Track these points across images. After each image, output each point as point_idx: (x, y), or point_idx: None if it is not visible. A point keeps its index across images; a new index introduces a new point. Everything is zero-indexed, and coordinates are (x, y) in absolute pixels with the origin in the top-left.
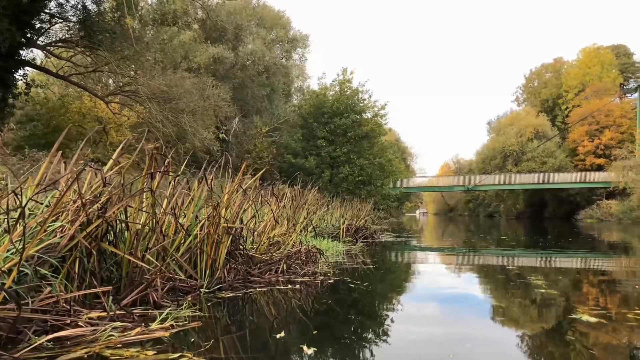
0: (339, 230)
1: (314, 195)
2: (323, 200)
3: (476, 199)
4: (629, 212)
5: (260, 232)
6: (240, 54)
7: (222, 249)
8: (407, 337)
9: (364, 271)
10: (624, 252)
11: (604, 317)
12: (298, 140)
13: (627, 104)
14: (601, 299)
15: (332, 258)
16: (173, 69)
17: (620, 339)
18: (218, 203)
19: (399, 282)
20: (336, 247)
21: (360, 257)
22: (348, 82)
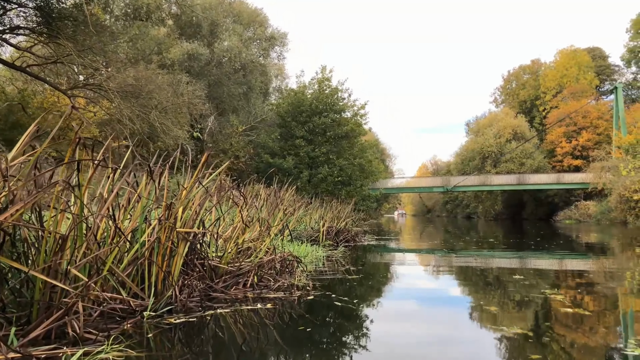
0: (319, 233)
1: (290, 195)
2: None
3: (454, 200)
4: (607, 213)
5: (227, 237)
6: (216, 50)
7: (177, 259)
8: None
9: (349, 282)
10: (601, 253)
11: (580, 318)
12: (276, 139)
13: (603, 105)
14: (580, 299)
15: (312, 265)
16: (145, 64)
17: (597, 339)
18: (172, 203)
19: (391, 296)
20: (316, 252)
21: (343, 264)
22: (327, 81)
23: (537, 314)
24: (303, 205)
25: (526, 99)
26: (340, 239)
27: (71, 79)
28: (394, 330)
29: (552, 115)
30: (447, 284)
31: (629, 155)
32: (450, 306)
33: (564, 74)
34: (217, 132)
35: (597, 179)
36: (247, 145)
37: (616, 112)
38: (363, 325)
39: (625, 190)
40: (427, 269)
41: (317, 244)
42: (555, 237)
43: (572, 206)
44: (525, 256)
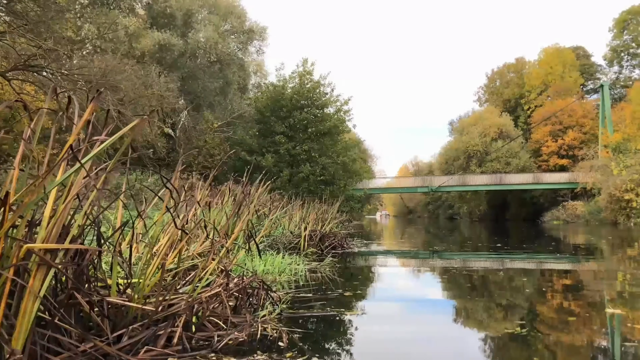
0: (300, 239)
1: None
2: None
3: (436, 201)
4: (595, 213)
5: (149, 255)
6: (190, 41)
7: (27, 300)
8: None
9: (349, 325)
10: (593, 257)
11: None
12: (254, 136)
13: (588, 104)
14: (563, 303)
15: (289, 286)
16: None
17: (580, 341)
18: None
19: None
20: (295, 264)
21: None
22: (309, 74)
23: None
24: (281, 204)
25: (511, 97)
26: (326, 246)
27: (11, 59)
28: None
29: (537, 114)
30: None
31: (620, 154)
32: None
33: (549, 72)
34: (190, 128)
35: (587, 179)
36: (222, 142)
37: (602, 110)
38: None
39: (616, 190)
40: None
41: (297, 252)
42: (541, 239)
43: (560, 206)
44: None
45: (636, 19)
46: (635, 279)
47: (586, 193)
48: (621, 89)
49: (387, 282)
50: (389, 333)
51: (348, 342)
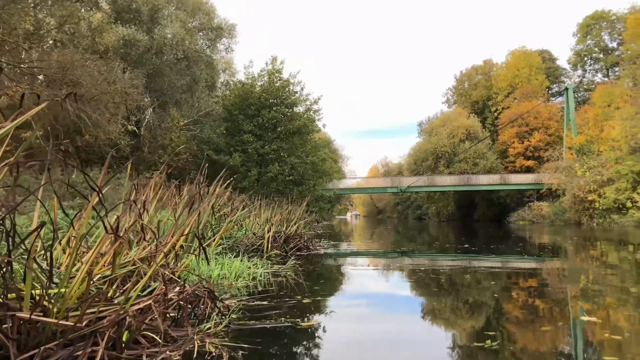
0: (264, 240)
1: (222, 190)
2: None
3: (405, 202)
4: (560, 213)
5: (73, 261)
6: (157, 37)
7: None
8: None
9: (302, 337)
10: (558, 257)
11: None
12: (221, 134)
13: (554, 106)
14: (530, 304)
15: (246, 292)
16: (74, 48)
17: (544, 341)
18: None
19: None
20: (255, 268)
21: (292, 290)
22: (278, 73)
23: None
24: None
25: (478, 99)
26: (290, 247)
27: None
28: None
29: (504, 116)
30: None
31: (584, 156)
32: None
33: (516, 74)
34: (156, 126)
35: (552, 180)
36: (189, 140)
37: (567, 113)
38: None
39: (580, 191)
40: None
41: (260, 255)
42: (508, 239)
43: (526, 207)
44: (487, 261)
45: (599, 24)
46: (599, 280)
47: (551, 194)
48: (585, 92)
49: (351, 286)
50: (347, 345)
51: (298, 358)
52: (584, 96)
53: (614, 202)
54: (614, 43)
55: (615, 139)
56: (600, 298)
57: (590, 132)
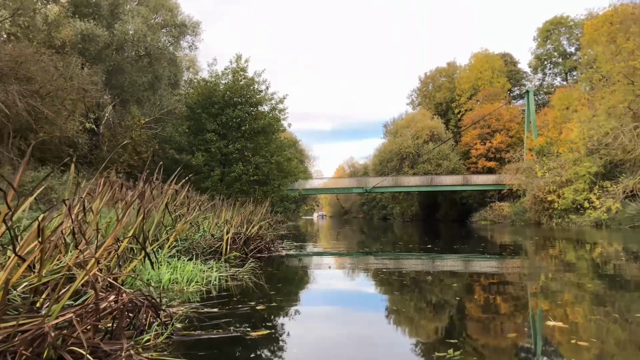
0: (222, 242)
1: (177, 189)
2: (198, 199)
3: (371, 202)
4: (520, 213)
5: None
6: (117, 33)
7: None
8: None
9: (249, 349)
10: (514, 254)
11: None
12: (184, 133)
13: (515, 109)
14: (493, 300)
15: (197, 298)
16: (29, 42)
17: (504, 339)
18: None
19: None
20: (211, 272)
21: (247, 295)
22: (243, 71)
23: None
24: (200, 204)
25: (442, 101)
26: (251, 249)
27: None
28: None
29: (467, 118)
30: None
31: (544, 157)
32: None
33: (479, 77)
34: (116, 124)
35: (513, 180)
36: (150, 139)
37: (527, 115)
38: None
39: (540, 192)
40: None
41: (218, 257)
42: (470, 238)
43: (487, 207)
44: (445, 258)
45: (558, 30)
46: (557, 278)
47: (512, 194)
48: (545, 95)
49: (311, 289)
50: (299, 357)
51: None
52: (544, 99)
53: (572, 202)
54: (572, 48)
55: (573, 141)
56: (559, 297)
57: (550, 134)
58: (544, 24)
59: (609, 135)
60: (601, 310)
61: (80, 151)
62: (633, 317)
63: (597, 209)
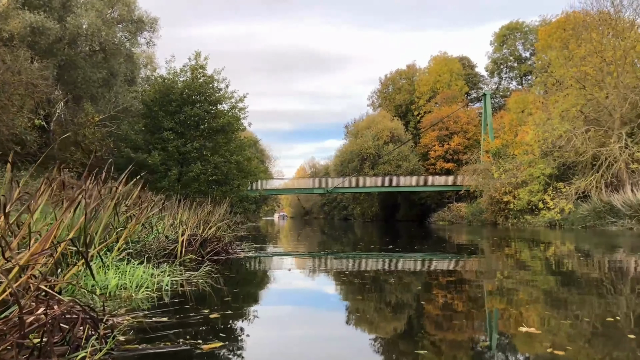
0: (177, 244)
1: (129, 189)
2: (151, 198)
3: (331, 202)
4: (477, 214)
5: None
6: (69, 26)
7: None
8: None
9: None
10: (472, 254)
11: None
12: (140, 131)
13: (472, 111)
14: (450, 299)
15: (147, 305)
16: None
17: (464, 336)
18: None
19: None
20: (163, 277)
21: (201, 302)
22: (202, 68)
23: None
24: (154, 204)
25: (402, 103)
26: (207, 252)
27: None
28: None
29: (425, 120)
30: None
31: (500, 159)
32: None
33: (437, 79)
34: (68, 121)
35: (470, 182)
36: (105, 137)
37: (484, 118)
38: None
39: (496, 192)
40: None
41: (173, 261)
42: (429, 238)
43: (445, 208)
44: (400, 258)
45: (514, 35)
46: (512, 276)
47: (469, 195)
48: (501, 98)
49: (269, 293)
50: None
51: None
52: (500, 102)
53: (527, 203)
54: (527, 53)
55: (528, 143)
56: (514, 295)
57: (506, 137)
58: (501, 29)
59: (562, 138)
60: (548, 301)
61: (29, 149)
62: (579, 308)
63: (551, 210)
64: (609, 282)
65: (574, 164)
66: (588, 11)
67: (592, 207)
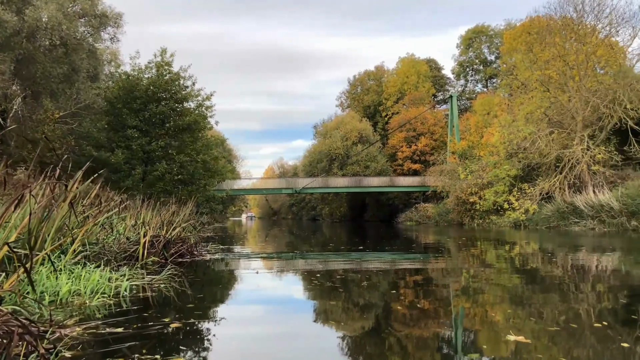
0: (138, 246)
1: (85, 187)
2: (110, 197)
3: (300, 203)
4: (444, 214)
5: None
6: (28, 19)
7: None
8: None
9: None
10: (438, 253)
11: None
12: (103, 129)
13: (439, 113)
14: (417, 298)
15: (102, 313)
16: None
17: (429, 334)
18: None
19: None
20: (122, 281)
21: (162, 309)
22: (168, 65)
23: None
24: (114, 204)
25: (370, 104)
26: (171, 254)
27: None
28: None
29: (393, 121)
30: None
31: (467, 160)
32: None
33: (405, 81)
34: (25, 117)
35: (437, 182)
36: (66, 135)
37: (451, 119)
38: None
39: (462, 193)
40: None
41: (134, 263)
42: (397, 239)
43: (413, 208)
44: (367, 257)
45: (479, 38)
46: (478, 275)
47: (436, 196)
48: (467, 100)
49: (235, 297)
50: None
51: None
52: (466, 104)
53: (493, 204)
54: (492, 56)
55: (494, 145)
56: (479, 294)
57: (472, 138)
58: (467, 33)
59: (527, 139)
60: (507, 296)
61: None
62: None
63: (516, 210)
64: (570, 280)
65: (538, 165)
66: (552, 16)
67: (556, 208)
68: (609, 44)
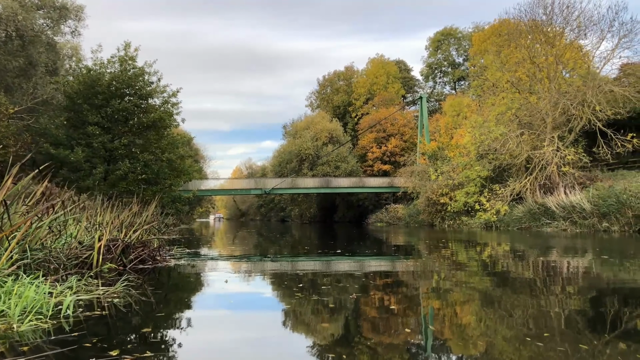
0: (93, 251)
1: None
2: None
3: (269, 204)
4: (415, 215)
5: None
6: None
7: None
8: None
9: None
10: (409, 255)
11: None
12: (62, 126)
13: (409, 114)
14: (387, 300)
15: (35, 337)
16: None
17: (400, 336)
18: None
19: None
20: (65, 295)
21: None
22: (132, 60)
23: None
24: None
25: (340, 104)
26: (130, 260)
27: None
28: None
29: (363, 122)
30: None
31: (437, 161)
32: None
33: (374, 82)
34: None
35: (407, 183)
36: (21, 131)
37: (420, 120)
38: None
39: (433, 194)
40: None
41: (85, 273)
42: (367, 240)
43: (383, 209)
44: (336, 260)
45: (448, 40)
46: (448, 277)
47: (406, 197)
48: (435, 102)
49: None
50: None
51: None
52: (435, 106)
53: (463, 205)
54: (460, 59)
55: (465, 146)
56: (449, 295)
57: (442, 139)
58: (435, 35)
59: (498, 140)
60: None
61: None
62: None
63: (487, 211)
64: (540, 281)
65: (509, 166)
66: (521, 18)
67: (527, 209)
68: (577, 47)
